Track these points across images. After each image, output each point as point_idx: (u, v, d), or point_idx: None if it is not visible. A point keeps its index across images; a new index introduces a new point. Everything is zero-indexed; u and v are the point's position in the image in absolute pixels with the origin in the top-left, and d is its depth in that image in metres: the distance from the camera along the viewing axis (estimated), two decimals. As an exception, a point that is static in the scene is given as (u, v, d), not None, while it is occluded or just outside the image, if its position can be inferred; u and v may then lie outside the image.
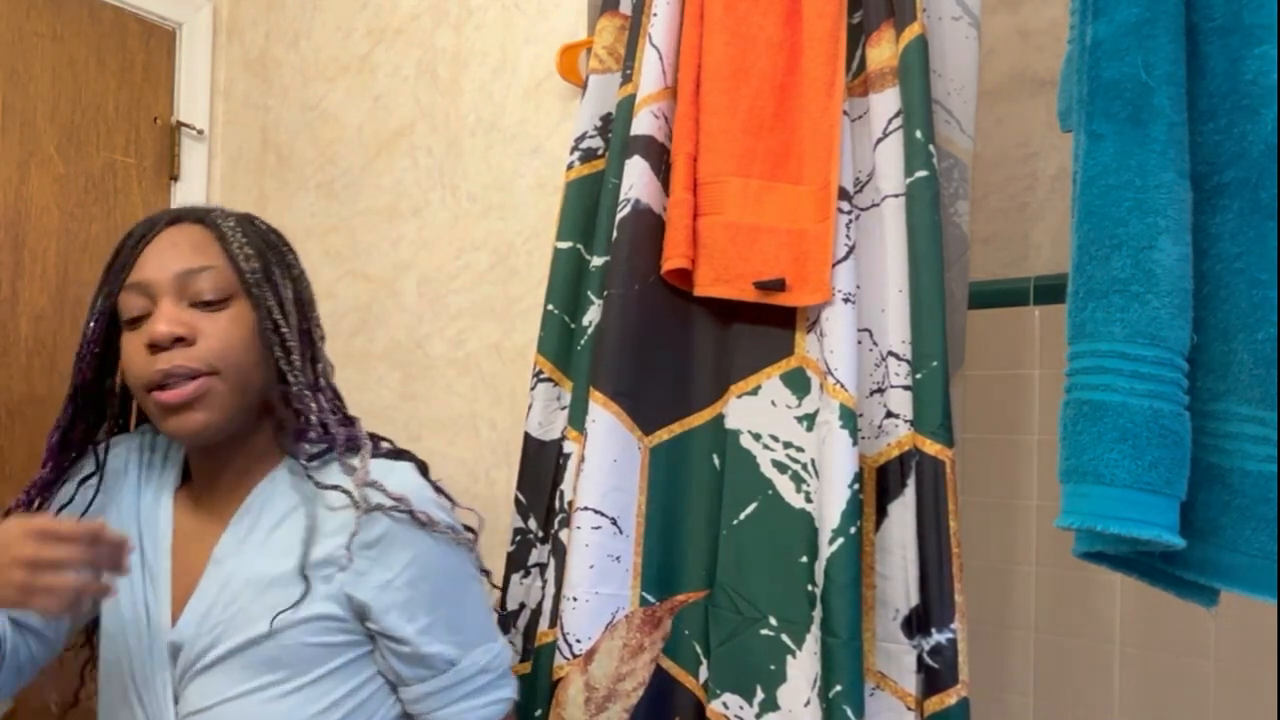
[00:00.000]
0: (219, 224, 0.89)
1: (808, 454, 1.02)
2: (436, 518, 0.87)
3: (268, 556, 0.84)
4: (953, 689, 0.93)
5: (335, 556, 0.83)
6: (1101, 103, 0.78)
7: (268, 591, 0.83)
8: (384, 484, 0.85)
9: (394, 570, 0.84)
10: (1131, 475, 0.73)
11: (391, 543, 0.85)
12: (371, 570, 0.84)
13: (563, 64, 1.33)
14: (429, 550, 0.87)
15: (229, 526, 0.87)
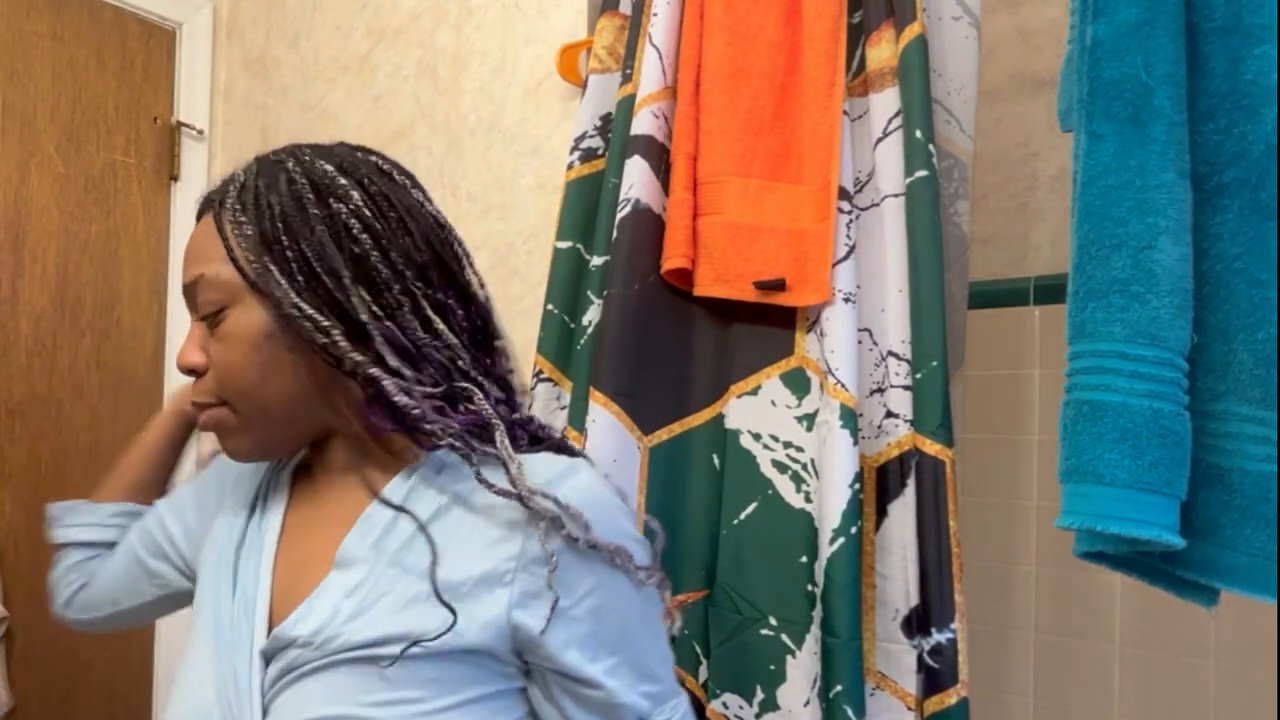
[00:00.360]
0: (219, 211, 0.70)
1: (808, 454, 1.02)
2: (630, 551, 0.67)
3: (402, 570, 0.67)
4: (953, 689, 0.93)
5: (499, 572, 0.64)
6: (1101, 103, 0.78)
7: (406, 611, 0.65)
8: (560, 491, 0.65)
9: (575, 595, 0.65)
10: (1131, 475, 0.73)
11: (574, 559, 0.65)
12: (546, 592, 0.64)
13: (563, 64, 1.33)
14: (618, 574, 0.67)
15: (355, 526, 0.69)
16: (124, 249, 1.77)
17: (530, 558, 0.64)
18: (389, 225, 0.69)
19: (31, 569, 1.63)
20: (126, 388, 1.78)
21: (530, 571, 0.64)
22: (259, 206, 0.68)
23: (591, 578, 0.65)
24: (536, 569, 0.64)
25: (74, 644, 1.69)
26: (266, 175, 0.70)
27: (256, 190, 0.69)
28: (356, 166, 0.71)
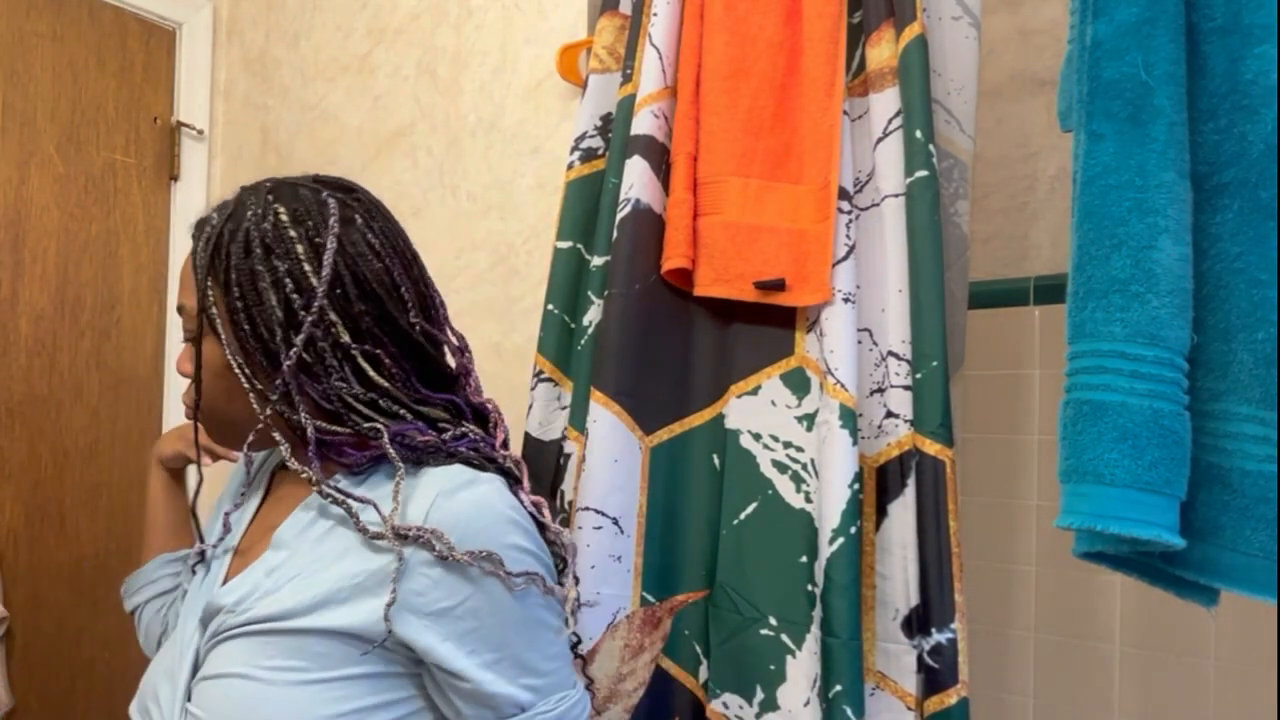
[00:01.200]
0: (195, 249, 0.82)
1: (808, 454, 1.02)
2: (501, 558, 0.75)
3: (316, 560, 0.77)
4: (953, 689, 0.93)
5: (383, 574, 0.74)
6: (1101, 103, 0.78)
7: (309, 593, 0.75)
8: (447, 503, 0.75)
9: (456, 598, 0.74)
10: (1131, 475, 0.73)
11: (445, 571, 0.74)
12: (430, 591, 0.74)
13: (563, 64, 1.33)
14: (492, 579, 0.75)
15: (293, 513, 0.82)
16: (124, 249, 1.77)
17: (407, 566, 0.73)
18: (325, 282, 0.78)
19: (31, 569, 1.63)
20: (126, 388, 1.78)
21: (405, 578, 0.73)
22: (219, 253, 0.80)
23: (468, 584, 0.74)
24: (426, 569, 0.73)
25: (74, 644, 1.69)
26: (233, 220, 0.81)
27: (220, 236, 0.80)
28: (309, 214, 0.80)
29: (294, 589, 0.75)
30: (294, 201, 0.80)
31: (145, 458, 1.79)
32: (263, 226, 0.79)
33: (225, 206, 0.82)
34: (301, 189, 0.82)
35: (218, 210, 0.83)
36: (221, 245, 0.79)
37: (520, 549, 0.77)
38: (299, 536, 0.79)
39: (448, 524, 0.73)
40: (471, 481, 0.77)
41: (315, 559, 0.77)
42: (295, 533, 0.80)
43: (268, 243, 0.79)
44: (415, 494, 0.76)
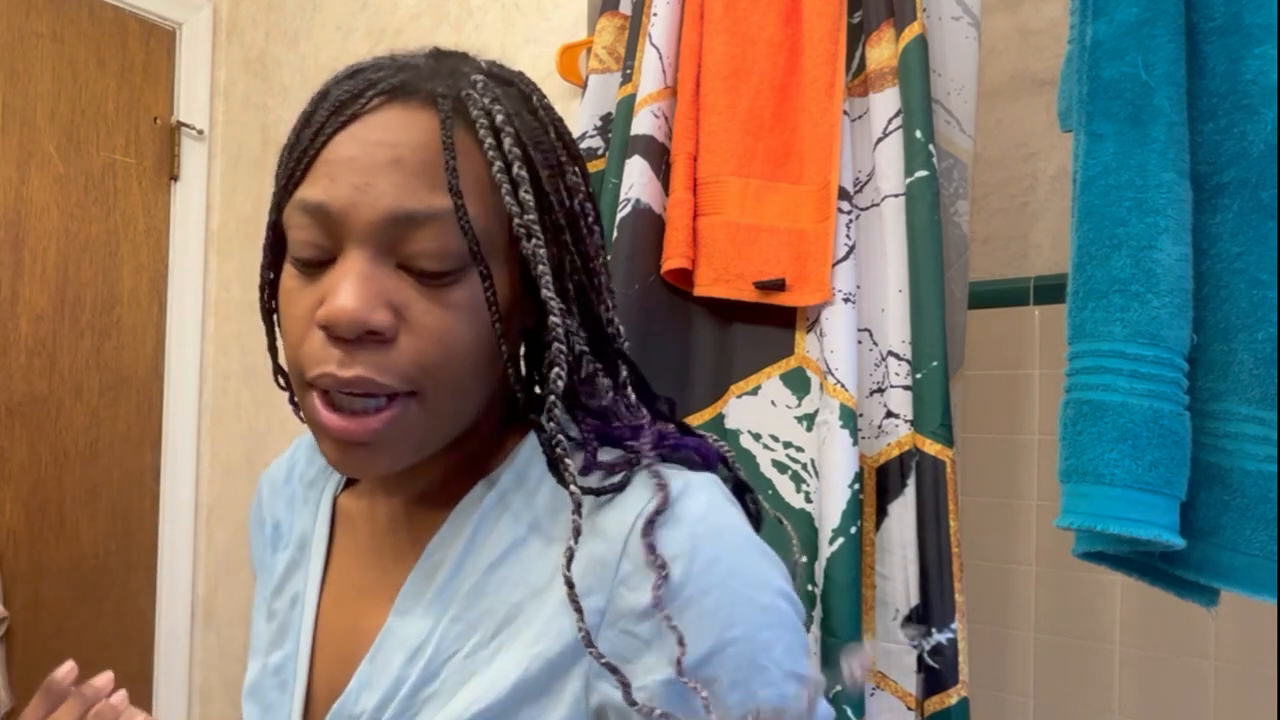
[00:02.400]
0: (467, 107, 0.51)
1: (808, 454, 1.02)
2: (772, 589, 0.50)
3: (484, 612, 0.53)
4: (953, 689, 0.93)
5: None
6: (1101, 103, 0.78)
7: (479, 673, 0.51)
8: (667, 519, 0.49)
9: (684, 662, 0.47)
10: (1131, 475, 0.73)
11: (682, 613, 0.47)
12: (640, 658, 0.48)
13: (563, 64, 1.33)
14: (752, 632, 0.49)
15: (417, 564, 0.55)
16: (124, 249, 1.77)
17: (620, 613, 0.49)
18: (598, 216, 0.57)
19: (31, 569, 1.63)
20: (126, 388, 1.78)
21: (619, 629, 0.49)
22: (515, 125, 0.52)
23: (710, 635, 0.48)
24: (632, 625, 0.48)
25: (74, 644, 1.69)
26: (508, 102, 0.53)
27: (495, 99, 0.52)
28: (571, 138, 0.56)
29: (457, 673, 0.52)
30: (559, 118, 0.56)
31: (145, 458, 1.80)
32: (557, 123, 0.55)
33: (456, 79, 0.52)
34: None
35: (436, 75, 0.52)
36: (519, 134, 0.52)
37: (784, 594, 0.52)
38: (439, 595, 0.54)
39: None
40: (685, 486, 0.51)
41: (471, 625, 0.52)
42: (431, 589, 0.54)
43: (570, 146, 0.55)
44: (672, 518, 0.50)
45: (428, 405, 0.50)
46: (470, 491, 0.55)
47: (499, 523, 0.54)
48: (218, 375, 1.89)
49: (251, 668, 0.62)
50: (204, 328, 1.89)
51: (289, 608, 0.60)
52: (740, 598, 0.49)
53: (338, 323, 0.47)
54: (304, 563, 0.61)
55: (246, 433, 1.83)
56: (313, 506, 0.63)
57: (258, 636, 0.63)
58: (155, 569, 1.83)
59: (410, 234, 0.48)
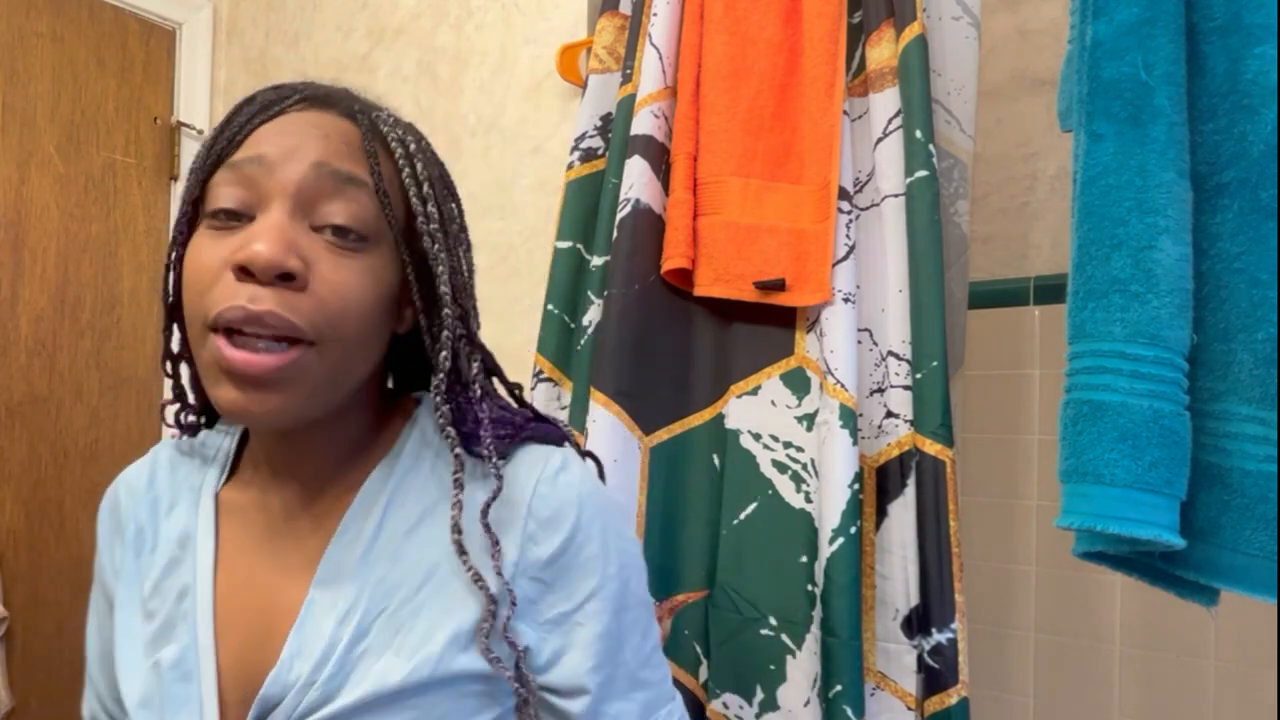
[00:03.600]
0: (380, 127, 0.60)
1: (808, 454, 1.02)
2: (628, 537, 0.64)
3: (406, 571, 0.59)
4: (953, 689, 0.93)
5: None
6: (1101, 103, 0.78)
7: (411, 622, 0.57)
8: (553, 488, 0.60)
9: (577, 597, 0.60)
10: (1131, 475, 0.73)
11: (575, 559, 0.60)
12: (544, 598, 0.60)
13: (563, 64, 1.33)
14: (619, 573, 0.61)
15: (335, 536, 0.60)
16: (124, 249, 1.77)
17: (529, 563, 0.59)
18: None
19: (31, 569, 1.63)
20: (126, 388, 1.78)
21: (528, 577, 0.59)
22: (420, 150, 0.62)
23: (594, 577, 0.60)
24: (538, 571, 0.59)
25: (74, 644, 1.69)
26: (413, 135, 0.63)
27: (405, 129, 0.62)
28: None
29: (388, 633, 0.57)
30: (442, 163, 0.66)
31: (145, 458, 1.80)
32: (437, 156, 0.65)
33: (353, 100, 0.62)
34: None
35: (349, 97, 0.62)
36: (419, 142, 0.62)
37: (635, 542, 0.66)
38: (362, 562, 0.59)
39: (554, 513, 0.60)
40: (564, 464, 0.62)
41: (396, 582, 0.58)
42: (353, 558, 0.59)
43: (448, 179, 0.65)
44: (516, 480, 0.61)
45: (324, 356, 0.55)
46: (375, 470, 0.62)
47: (410, 493, 0.61)
48: (218, 375, 1.88)
49: (129, 678, 0.60)
50: (204, 328, 1.89)
51: (175, 602, 0.61)
52: (612, 545, 0.62)
53: (255, 261, 0.52)
54: (187, 558, 0.63)
55: (246, 433, 1.82)
56: (189, 505, 0.65)
57: (122, 643, 0.62)
58: (155, 569, 1.82)
59: (328, 195, 0.55)
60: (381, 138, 0.60)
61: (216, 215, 0.56)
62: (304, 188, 0.55)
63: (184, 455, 0.69)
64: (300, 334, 0.53)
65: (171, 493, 0.67)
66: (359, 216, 0.56)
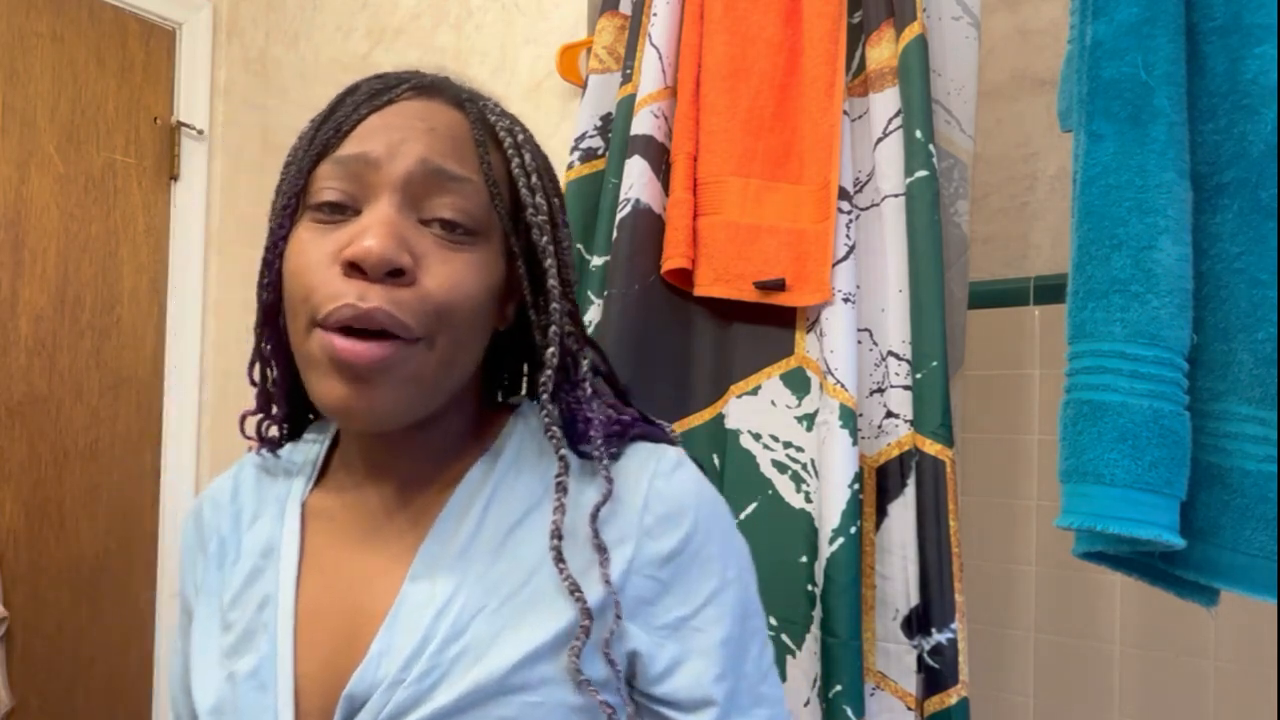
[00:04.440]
0: (488, 117, 0.59)
1: (808, 454, 1.02)
2: (744, 541, 0.62)
3: (507, 570, 0.55)
4: (953, 689, 0.93)
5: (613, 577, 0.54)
6: (1101, 103, 0.78)
7: (514, 622, 0.53)
8: (668, 486, 0.57)
9: (696, 600, 0.56)
10: (1131, 475, 0.73)
11: (695, 557, 0.56)
12: (661, 599, 0.55)
13: (563, 64, 1.33)
14: (739, 576, 0.59)
15: (432, 530, 0.57)
16: (124, 249, 1.77)
17: (645, 560, 0.55)
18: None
19: (31, 569, 1.63)
20: (126, 388, 1.78)
21: (644, 575, 0.55)
22: (527, 141, 0.60)
23: (713, 578, 0.57)
24: (653, 571, 0.55)
25: (74, 644, 1.69)
26: (519, 127, 0.61)
27: (511, 119, 0.60)
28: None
29: (488, 626, 0.53)
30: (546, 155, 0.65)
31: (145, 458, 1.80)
32: (551, 168, 0.63)
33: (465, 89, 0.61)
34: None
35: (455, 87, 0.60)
36: (529, 140, 0.61)
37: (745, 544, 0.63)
38: (460, 557, 0.56)
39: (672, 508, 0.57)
40: (680, 461, 0.59)
41: (498, 580, 0.55)
42: (451, 553, 0.56)
43: (553, 174, 0.63)
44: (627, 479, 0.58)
45: (432, 352, 0.53)
46: (475, 466, 0.59)
47: (513, 490, 0.58)
48: (218, 375, 1.88)
49: (203, 688, 0.58)
50: (204, 328, 1.89)
51: (255, 612, 0.59)
52: (732, 547, 0.59)
53: (366, 258, 0.50)
54: (269, 568, 0.60)
55: (246, 433, 1.82)
56: (274, 516, 0.63)
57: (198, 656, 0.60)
58: (155, 569, 1.82)
59: (436, 190, 0.54)
60: (490, 128, 0.58)
61: (320, 208, 0.54)
62: (412, 182, 0.53)
63: (269, 468, 0.67)
64: (408, 332, 0.52)
65: (255, 505, 0.65)
66: (467, 210, 0.54)
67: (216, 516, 0.66)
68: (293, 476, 0.65)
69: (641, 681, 0.56)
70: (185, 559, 0.68)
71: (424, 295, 0.52)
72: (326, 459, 0.66)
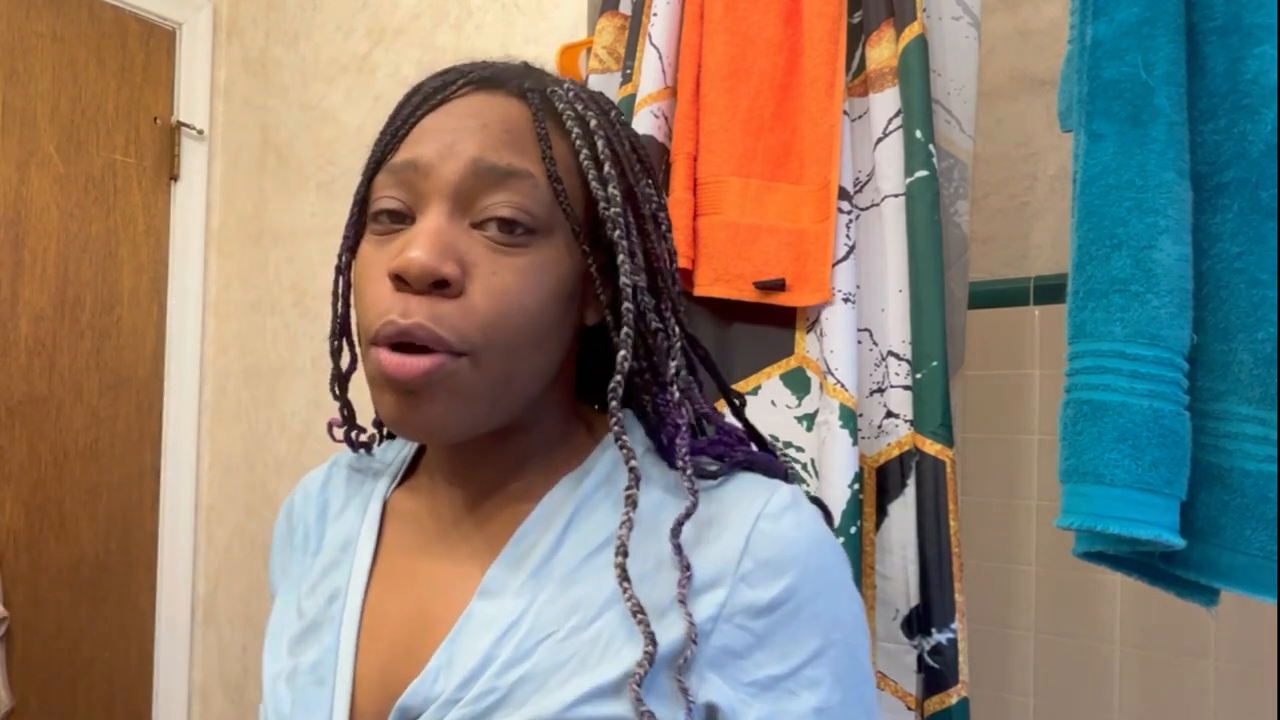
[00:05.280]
0: (554, 104, 0.55)
1: (808, 454, 1.02)
2: (861, 615, 0.55)
3: (582, 597, 0.51)
4: (953, 689, 0.93)
5: (697, 620, 0.49)
6: (1101, 103, 0.78)
7: (582, 653, 0.50)
8: (777, 527, 0.51)
9: (793, 660, 0.50)
10: (1131, 475, 0.73)
11: (797, 614, 0.50)
12: (752, 654, 0.50)
13: (563, 64, 1.33)
14: (846, 639, 0.52)
15: (507, 547, 0.54)
16: (124, 249, 1.77)
17: (738, 607, 0.50)
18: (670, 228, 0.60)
19: (31, 569, 1.63)
20: (126, 388, 1.78)
21: (735, 623, 0.50)
22: (604, 126, 0.55)
23: (818, 635, 0.51)
24: (748, 621, 0.50)
25: (74, 644, 1.69)
26: (594, 107, 0.56)
27: (586, 102, 0.56)
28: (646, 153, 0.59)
29: (553, 655, 0.50)
30: (636, 134, 0.60)
31: (145, 458, 1.80)
32: (636, 136, 0.59)
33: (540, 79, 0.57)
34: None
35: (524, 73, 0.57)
36: (600, 116, 0.56)
37: (860, 600, 0.56)
38: (533, 578, 0.52)
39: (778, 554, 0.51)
40: (795, 501, 0.53)
41: (570, 607, 0.51)
42: (525, 573, 0.53)
43: (644, 157, 0.58)
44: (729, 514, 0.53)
45: (478, 365, 0.50)
46: (561, 481, 0.56)
47: (596, 511, 0.54)
48: (218, 375, 1.89)
49: (269, 672, 0.58)
50: (204, 328, 1.89)
51: (325, 604, 0.58)
52: (842, 605, 0.52)
53: (408, 269, 0.48)
54: (346, 561, 0.59)
55: (246, 433, 1.83)
56: (358, 510, 0.62)
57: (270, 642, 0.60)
58: (155, 569, 1.83)
59: (491, 188, 0.50)
60: (556, 115, 0.54)
61: (378, 218, 0.53)
62: (463, 185, 0.51)
63: (360, 465, 0.66)
64: (449, 347, 0.49)
65: (344, 498, 0.64)
66: (523, 207, 0.51)
67: (305, 506, 0.66)
68: (380, 475, 0.64)
69: None
70: (275, 544, 0.68)
71: (469, 308, 0.49)
72: (415, 460, 0.64)
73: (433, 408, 0.50)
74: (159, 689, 1.82)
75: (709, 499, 0.53)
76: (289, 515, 0.67)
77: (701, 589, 0.50)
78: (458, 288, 0.49)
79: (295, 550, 0.64)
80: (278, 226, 1.78)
